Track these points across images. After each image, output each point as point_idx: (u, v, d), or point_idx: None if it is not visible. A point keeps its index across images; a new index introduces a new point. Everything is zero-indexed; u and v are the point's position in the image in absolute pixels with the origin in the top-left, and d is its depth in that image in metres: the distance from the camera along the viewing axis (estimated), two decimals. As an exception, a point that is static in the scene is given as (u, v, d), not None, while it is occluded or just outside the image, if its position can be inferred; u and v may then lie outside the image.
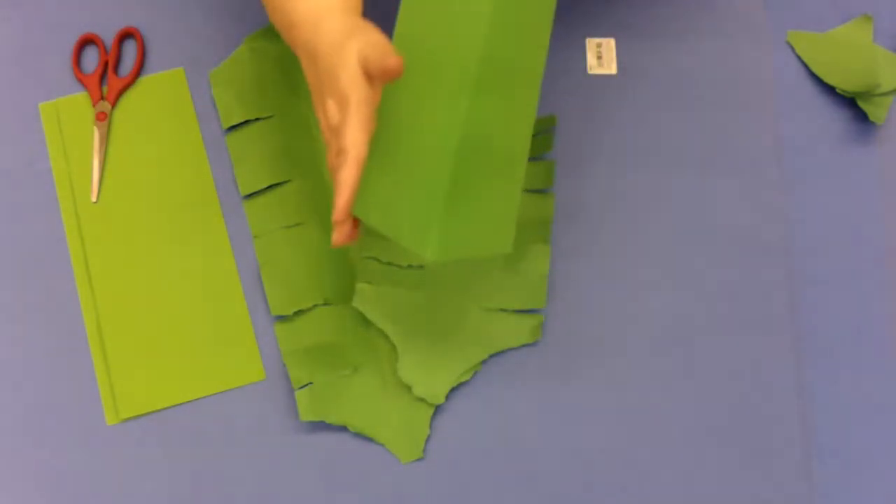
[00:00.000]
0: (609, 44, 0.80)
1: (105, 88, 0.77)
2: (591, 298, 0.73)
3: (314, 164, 0.75)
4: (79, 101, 0.77)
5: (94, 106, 0.76)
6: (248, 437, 0.70)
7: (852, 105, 0.79)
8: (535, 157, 0.75)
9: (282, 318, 0.72)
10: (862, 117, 0.79)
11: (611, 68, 0.79)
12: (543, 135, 0.76)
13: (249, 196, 0.75)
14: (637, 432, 0.70)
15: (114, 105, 0.77)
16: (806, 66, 0.80)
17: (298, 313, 0.72)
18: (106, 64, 0.77)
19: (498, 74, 0.57)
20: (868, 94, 0.77)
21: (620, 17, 0.80)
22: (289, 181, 0.75)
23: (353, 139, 0.56)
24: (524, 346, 0.72)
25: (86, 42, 0.79)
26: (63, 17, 0.79)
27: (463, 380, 0.70)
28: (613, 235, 0.75)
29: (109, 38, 0.79)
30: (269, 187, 0.75)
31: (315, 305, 0.72)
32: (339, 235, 0.59)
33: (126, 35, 0.79)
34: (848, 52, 0.79)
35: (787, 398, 0.71)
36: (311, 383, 0.69)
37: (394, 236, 0.57)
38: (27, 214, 0.74)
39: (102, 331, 0.71)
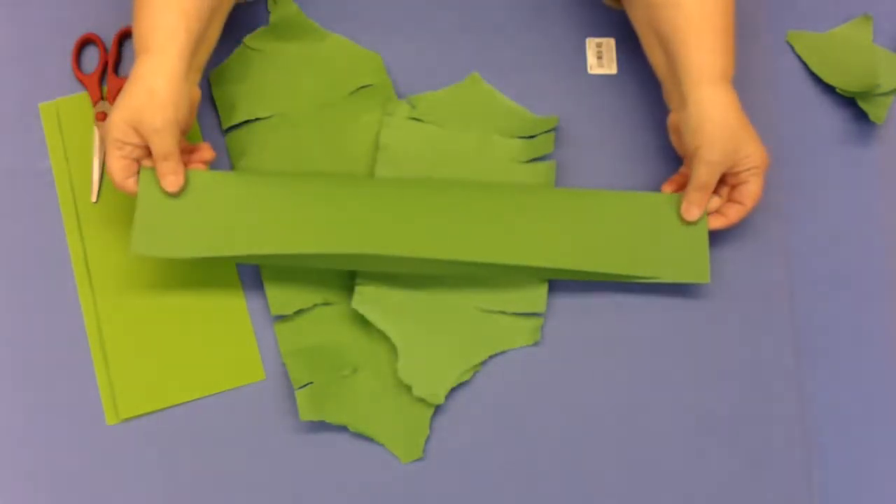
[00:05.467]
0: (609, 44, 0.80)
1: (105, 88, 0.77)
2: (590, 298, 0.73)
3: (314, 164, 0.75)
4: (79, 101, 0.77)
5: (94, 106, 0.76)
6: (248, 437, 0.70)
7: (852, 105, 0.79)
8: (535, 157, 0.75)
9: (282, 318, 0.72)
10: (862, 117, 0.79)
11: (611, 68, 0.79)
12: (543, 135, 0.76)
13: (249, 196, 0.75)
14: (637, 432, 0.70)
15: (114, 105, 0.77)
16: (806, 66, 0.80)
17: (298, 313, 0.72)
18: (106, 64, 0.77)
19: None
20: (868, 94, 0.77)
21: (620, 17, 0.80)
22: (289, 181, 0.75)
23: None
24: (524, 346, 0.72)
25: (86, 42, 0.79)
26: (63, 17, 0.79)
27: (463, 380, 0.70)
28: (613, 235, 0.75)
29: (109, 38, 0.79)
30: (269, 187, 0.75)
31: (315, 305, 0.72)
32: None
33: (126, 35, 0.79)
34: (848, 52, 0.79)
35: (787, 398, 0.71)
36: (311, 383, 0.69)
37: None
38: (27, 214, 0.74)
39: (102, 331, 0.71)
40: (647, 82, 0.78)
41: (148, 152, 0.66)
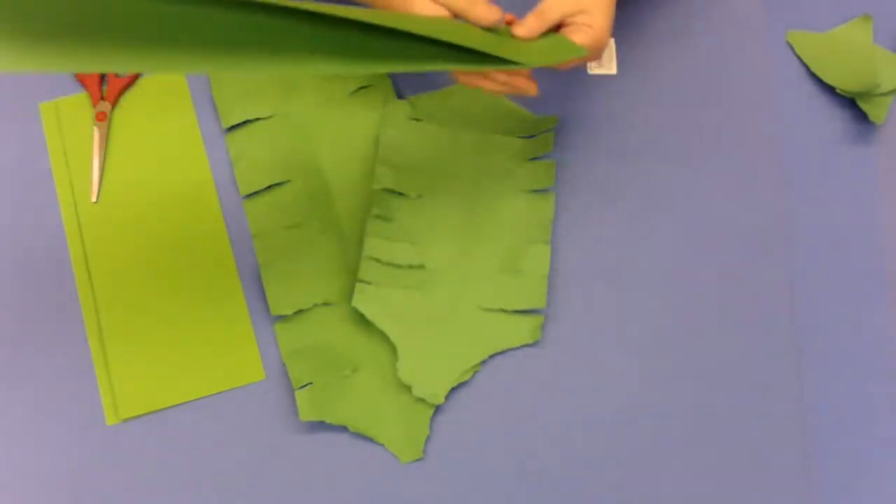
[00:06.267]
0: (609, 44, 0.80)
1: (105, 88, 0.77)
2: (591, 298, 0.73)
3: (314, 164, 0.75)
4: (79, 101, 0.77)
5: (94, 106, 0.76)
6: (248, 437, 0.70)
7: (852, 105, 0.79)
8: (535, 157, 0.75)
9: (282, 318, 0.72)
10: (862, 117, 0.79)
11: (611, 68, 0.79)
12: (543, 135, 0.76)
13: (249, 196, 0.75)
14: (636, 433, 0.70)
15: (114, 105, 0.77)
16: (806, 66, 0.80)
17: (298, 313, 0.72)
18: (106, 64, 0.77)
19: None
20: (868, 94, 0.78)
21: (620, 17, 0.80)
22: (289, 181, 0.75)
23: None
24: (524, 346, 0.72)
25: (86, 42, 0.79)
26: (63, 17, 0.79)
27: (463, 380, 0.70)
28: (613, 235, 0.75)
29: (109, 38, 0.79)
30: (269, 187, 0.75)
31: (315, 305, 0.72)
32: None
33: (126, 35, 0.79)
34: (848, 52, 0.80)
35: (788, 398, 0.71)
36: (311, 383, 0.69)
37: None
38: (27, 214, 0.74)
39: (102, 331, 0.71)
40: (647, 82, 0.78)
41: None
